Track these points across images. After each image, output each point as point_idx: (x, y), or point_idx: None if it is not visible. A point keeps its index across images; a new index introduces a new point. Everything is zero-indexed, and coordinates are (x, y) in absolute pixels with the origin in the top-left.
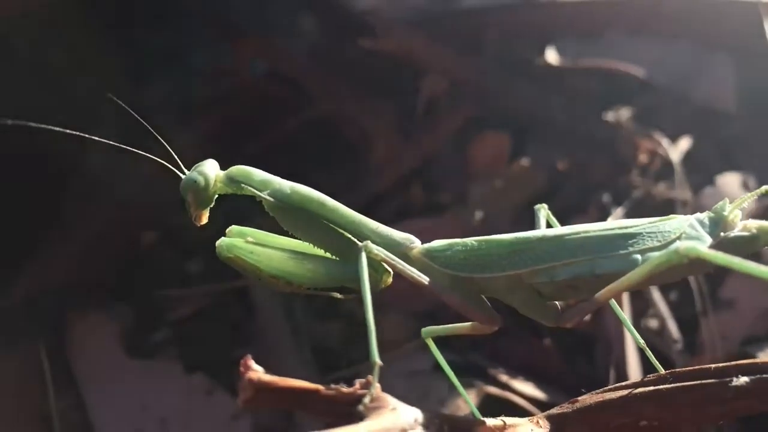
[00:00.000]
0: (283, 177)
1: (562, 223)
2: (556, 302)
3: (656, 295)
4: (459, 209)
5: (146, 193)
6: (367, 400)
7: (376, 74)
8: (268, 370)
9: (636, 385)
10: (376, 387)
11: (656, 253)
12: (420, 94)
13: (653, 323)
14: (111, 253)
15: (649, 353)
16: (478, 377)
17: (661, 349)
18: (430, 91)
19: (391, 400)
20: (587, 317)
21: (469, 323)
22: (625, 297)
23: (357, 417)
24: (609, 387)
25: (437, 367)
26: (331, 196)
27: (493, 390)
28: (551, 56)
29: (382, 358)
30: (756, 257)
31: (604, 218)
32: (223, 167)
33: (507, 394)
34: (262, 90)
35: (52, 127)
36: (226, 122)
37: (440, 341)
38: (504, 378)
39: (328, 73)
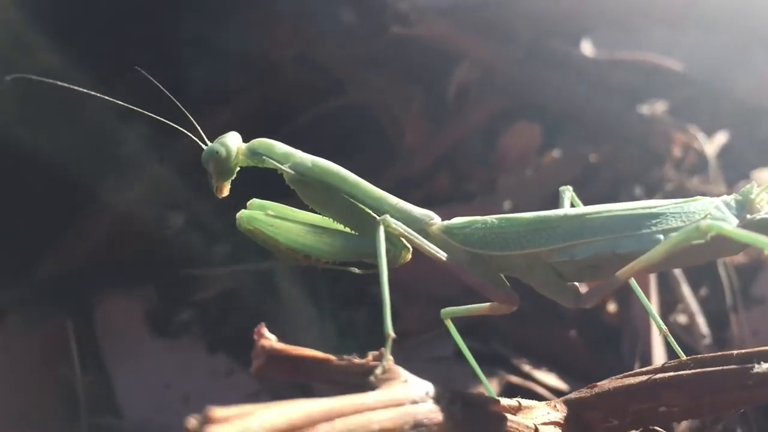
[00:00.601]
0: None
1: None
2: (575, 284)
3: (686, 289)
4: (487, 198)
5: (176, 174)
6: (378, 371)
7: (408, 62)
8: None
9: (657, 371)
10: (389, 359)
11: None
12: (451, 82)
13: (682, 318)
14: (139, 233)
15: (671, 339)
16: (500, 366)
17: (689, 344)
18: (462, 80)
19: (402, 373)
20: (610, 305)
21: (488, 304)
22: (653, 291)
23: (369, 388)
24: (629, 372)
25: (459, 353)
26: None
27: (515, 379)
28: (587, 48)
29: (405, 344)
30: None
31: None
32: None
33: (529, 384)
34: (295, 76)
35: (94, 93)
36: (258, 106)
37: (464, 329)
38: (527, 368)
39: (360, 60)
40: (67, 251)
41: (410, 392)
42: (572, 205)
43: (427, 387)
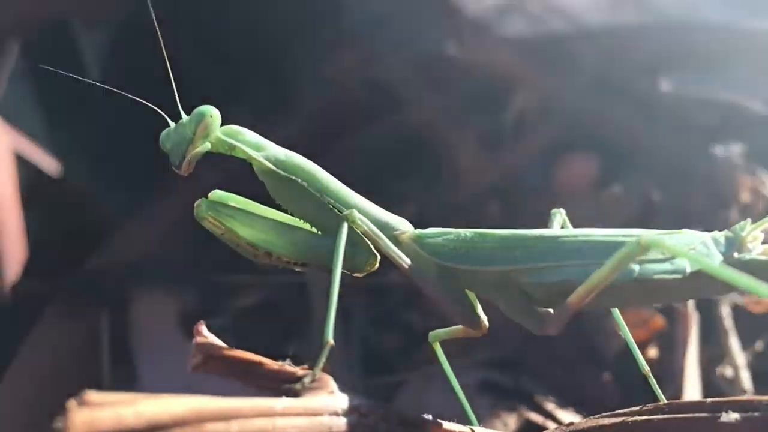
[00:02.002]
0: (363, 180)
1: None
2: (544, 309)
3: (733, 341)
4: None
5: (227, 182)
6: (307, 380)
7: (468, 88)
8: (311, 366)
9: (632, 413)
10: (320, 369)
11: (660, 265)
12: (509, 109)
13: (729, 371)
14: (185, 237)
15: (652, 381)
16: (523, 402)
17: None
18: (520, 107)
19: (332, 385)
20: (651, 350)
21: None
22: (694, 338)
23: (292, 394)
24: (608, 413)
25: (482, 385)
26: (406, 202)
27: (534, 417)
28: (664, 84)
29: (429, 370)
30: None
31: None
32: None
33: (548, 423)
34: (357, 94)
35: (141, 99)
36: (319, 122)
37: (496, 363)
38: (550, 406)
39: (420, 84)
40: (114, 248)
41: (332, 403)
42: (563, 228)
43: (357, 402)
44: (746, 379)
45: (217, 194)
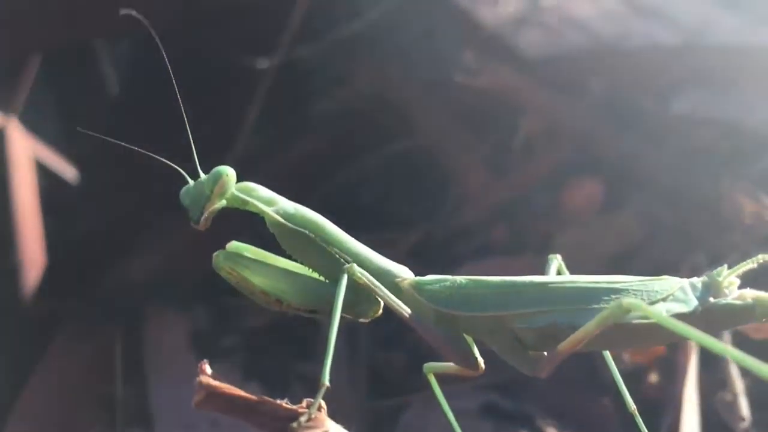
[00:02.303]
0: (373, 199)
1: None
2: (537, 352)
3: (733, 369)
4: (540, 253)
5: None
6: (303, 419)
7: (476, 110)
8: (316, 383)
9: None
10: (318, 408)
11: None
12: (517, 132)
13: (729, 397)
14: (199, 257)
15: (638, 419)
16: (525, 426)
17: (728, 425)
18: (528, 131)
19: (329, 424)
20: (652, 376)
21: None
22: (694, 367)
23: None
24: None
25: (484, 409)
26: (414, 223)
27: None
28: (674, 104)
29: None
30: None
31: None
32: (319, 181)
33: None
34: (371, 116)
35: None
36: (331, 143)
37: (497, 387)
38: (550, 431)
39: (429, 105)
40: (128, 268)
41: None
42: (559, 274)
43: None
44: (745, 406)
45: (233, 245)
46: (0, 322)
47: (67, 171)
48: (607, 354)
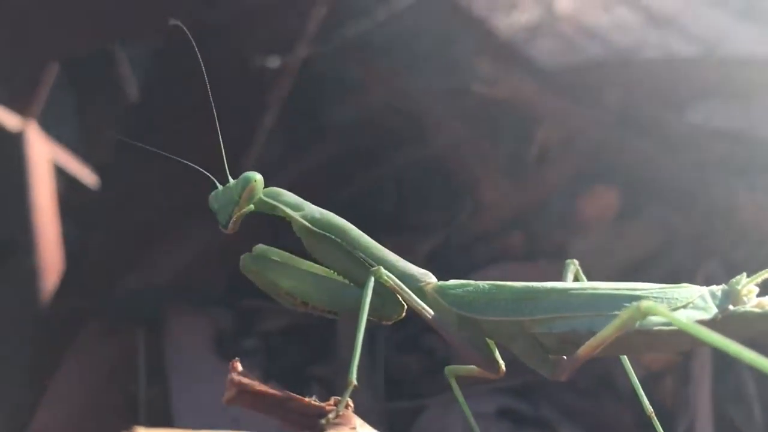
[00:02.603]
0: (391, 206)
1: None
2: (557, 356)
3: (747, 375)
4: (555, 260)
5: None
6: (331, 415)
7: (492, 119)
8: (337, 390)
9: None
10: (345, 406)
11: (661, 318)
12: (533, 142)
13: (743, 405)
14: (222, 260)
15: (655, 423)
16: (541, 430)
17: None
18: (543, 141)
19: (356, 422)
20: (667, 381)
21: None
22: (707, 374)
23: (317, 429)
24: None
25: (501, 412)
26: (431, 229)
27: None
28: (691, 117)
29: (450, 396)
30: None
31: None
32: (337, 188)
33: None
34: (385, 122)
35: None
36: (349, 150)
37: (517, 391)
38: None
39: (444, 113)
40: (152, 268)
41: None
42: (576, 280)
43: None
44: (758, 414)
45: (260, 248)
46: (20, 324)
47: (86, 175)
48: (625, 359)
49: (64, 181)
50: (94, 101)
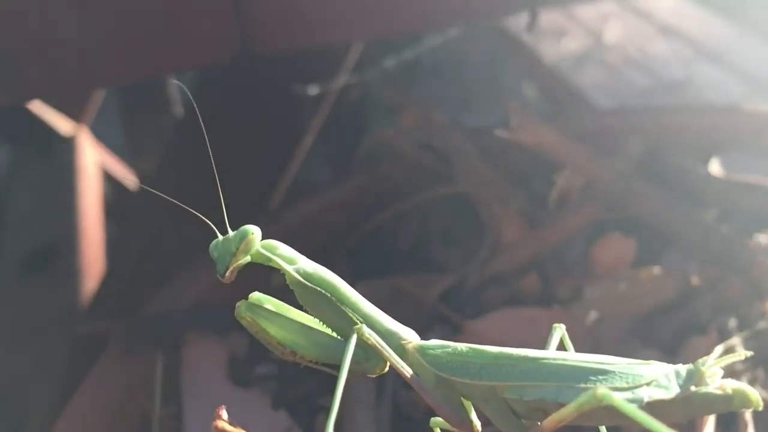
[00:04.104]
0: (410, 241)
1: (678, 340)
2: (528, 422)
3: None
4: (573, 306)
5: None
6: None
7: (516, 162)
8: (344, 424)
9: None
10: None
11: (623, 394)
12: (553, 187)
13: None
14: (236, 287)
15: None
16: None
17: None
18: (564, 186)
19: None
20: None
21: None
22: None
23: None
24: None
25: None
26: (447, 267)
27: None
28: (714, 167)
29: None
30: None
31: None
32: (360, 220)
33: None
34: (414, 154)
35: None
36: (375, 183)
37: None
38: None
39: (474, 151)
40: (174, 292)
41: None
42: (562, 344)
43: None
44: None
45: (255, 296)
46: (60, 326)
47: (131, 181)
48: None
49: (111, 185)
50: (141, 110)
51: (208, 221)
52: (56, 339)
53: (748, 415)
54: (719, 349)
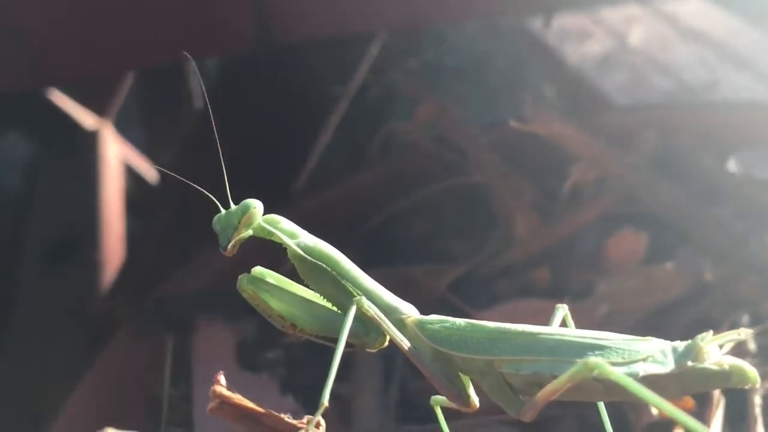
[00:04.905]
0: (423, 232)
1: (688, 336)
2: (523, 396)
3: (759, 428)
4: (583, 299)
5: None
6: None
7: (529, 154)
8: (350, 406)
9: None
10: (316, 425)
11: (619, 368)
12: (566, 180)
13: None
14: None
15: None
16: None
17: None
18: (577, 180)
19: None
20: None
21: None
22: (719, 425)
23: None
24: None
25: None
26: (459, 258)
27: None
28: (730, 164)
29: (460, 424)
30: None
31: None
32: (375, 209)
33: None
34: (431, 151)
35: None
36: (391, 174)
37: (528, 426)
38: None
39: (488, 144)
40: (186, 277)
41: None
42: (564, 324)
43: None
44: None
45: (258, 270)
46: (79, 317)
47: (151, 174)
48: (602, 407)
49: (132, 179)
50: (161, 104)
51: (211, 196)
52: (76, 326)
53: (758, 409)
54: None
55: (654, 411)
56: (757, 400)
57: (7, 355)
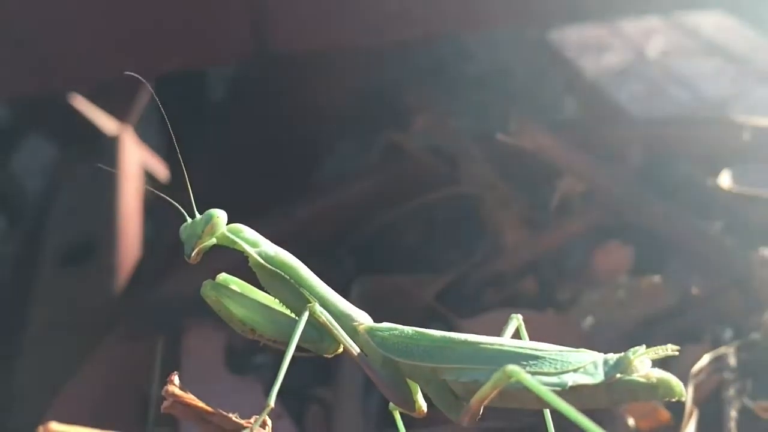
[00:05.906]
0: (414, 241)
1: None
2: (464, 402)
3: None
4: (569, 310)
5: (298, 233)
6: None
7: (519, 166)
8: (332, 410)
9: None
10: (262, 424)
11: (545, 378)
12: (554, 192)
13: None
14: (246, 275)
15: None
16: None
17: None
18: (565, 192)
19: None
20: None
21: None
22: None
23: None
24: None
25: None
26: (446, 267)
27: None
28: (722, 179)
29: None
30: None
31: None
32: (366, 218)
33: None
34: (424, 162)
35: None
36: (386, 184)
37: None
38: None
39: (480, 155)
40: (179, 280)
41: None
42: (519, 334)
43: None
44: None
45: (222, 277)
46: (89, 321)
47: (166, 180)
48: (547, 414)
49: (150, 184)
50: (179, 108)
51: (177, 205)
52: (89, 329)
53: (732, 423)
54: (707, 357)
55: (630, 422)
56: (733, 413)
57: (22, 356)
